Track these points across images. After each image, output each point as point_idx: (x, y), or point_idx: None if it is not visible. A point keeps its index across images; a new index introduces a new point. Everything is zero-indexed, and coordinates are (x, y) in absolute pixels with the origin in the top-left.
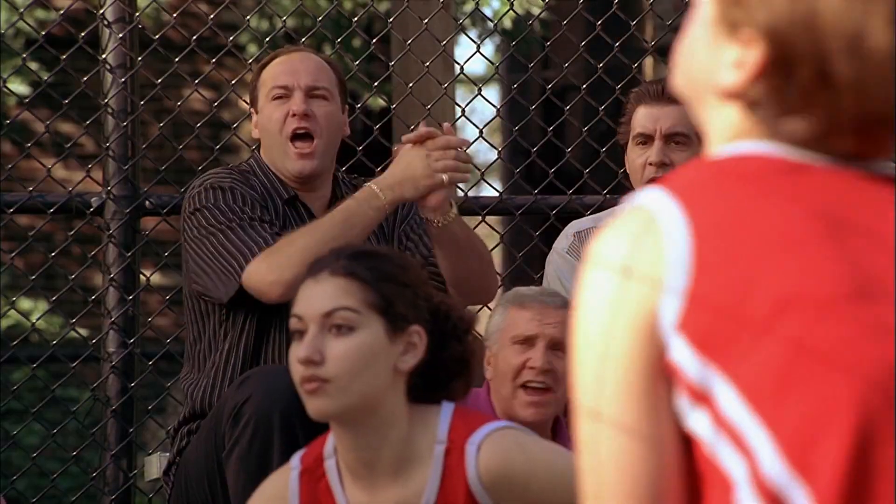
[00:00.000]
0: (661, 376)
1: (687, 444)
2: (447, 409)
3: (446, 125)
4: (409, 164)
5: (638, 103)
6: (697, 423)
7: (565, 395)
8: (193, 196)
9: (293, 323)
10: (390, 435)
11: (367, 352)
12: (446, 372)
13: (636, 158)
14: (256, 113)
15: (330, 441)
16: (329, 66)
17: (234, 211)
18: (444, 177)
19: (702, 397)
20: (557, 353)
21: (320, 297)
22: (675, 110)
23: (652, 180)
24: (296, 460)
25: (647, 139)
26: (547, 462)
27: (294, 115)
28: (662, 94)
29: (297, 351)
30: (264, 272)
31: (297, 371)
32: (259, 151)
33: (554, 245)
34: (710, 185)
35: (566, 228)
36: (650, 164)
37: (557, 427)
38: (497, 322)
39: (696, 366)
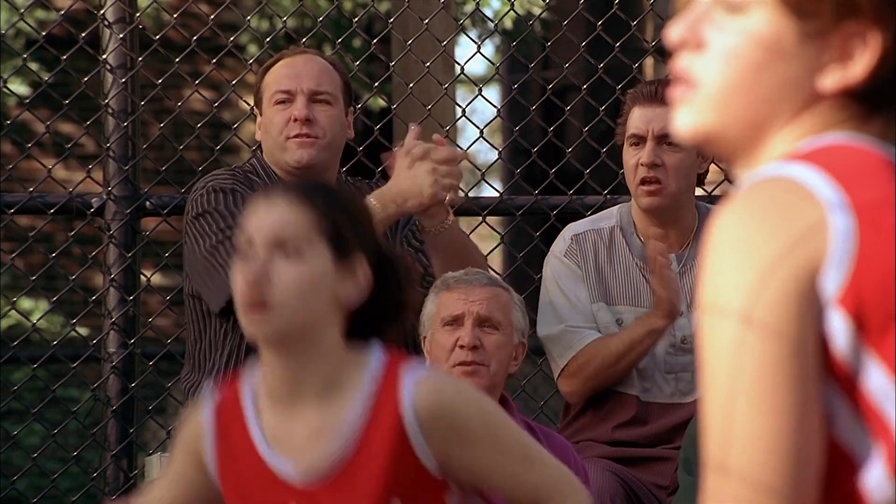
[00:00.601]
0: (812, 347)
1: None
2: (379, 346)
3: (437, 136)
4: (415, 180)
5: (633, 104)
6: (835, 400)
7: (497, 370)
8: (196, 199)
9: (241, 244)
10: (321, 360)
11: (314, 279)
12: (383, 313)
13: (630, 159)
14: (260, 115)
15: (251, 368)
16: (333, 68)
17: (234, 216)
18: (448, 195)
19: (845, 375)
20: (485, 330)
21: (272, 220)
22: (668, 111)
23: (643, 181)
24: (214, 391)
25: (639, 140)
26: (483, 411)
27: (296, 119)
28: (656, 95)
29: (244, 272)
30: None
31: (241, 292)
32: (261, 153)
33: (551, 248)
34: (847, 168)
35: (563, 231)
36: (641, 164)
37: (506, 405)
38: (429, 308)
39: (849, 342)
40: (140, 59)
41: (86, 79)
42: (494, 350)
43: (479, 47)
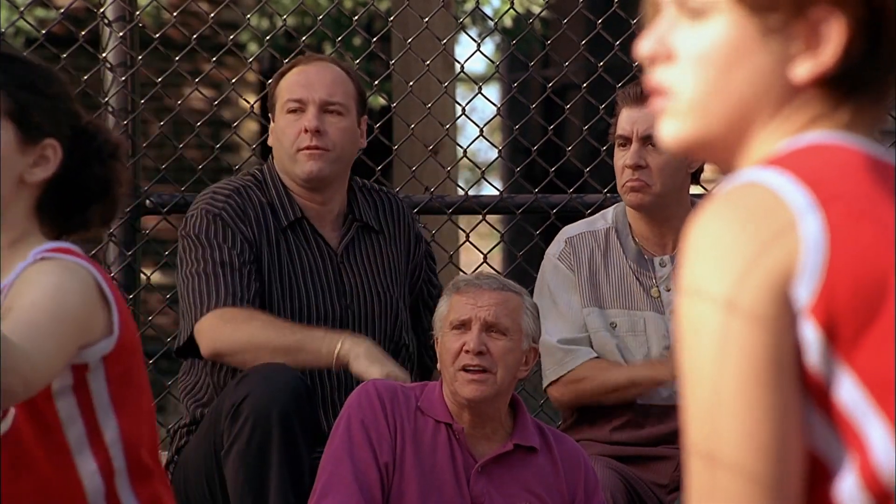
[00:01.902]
0: (788, 352)
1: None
2: (63, 243)
3: None
4: (382, 363)
5: (622, 105)
6: (808, 409)
7: (504, 376)
8: (190, 215)
9: None
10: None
11: None
12: (85, 193)
13: (617, 160)
14: (273, 122)
15: None
16: (347, 76)
17: (213, 248)
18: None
19: (817, 385)
20: (491, 335)
21: None
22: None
23: (628, 183)
24: None
25: (626, 141)
26: (42, 294)
27: (306, 131)
28: (641, 96)
29: None
30: (206, 330)
31: None
32: (272, 160)
33: (547, 251)
34: (824, 172)
35: (559, 234)
36: (626, 166)
37: (517, 407)
38: (441, 310)
39: (821, 353)
40: (140, 57)
41: (86, 77)
42: (501, 356)
43: (479, 46)
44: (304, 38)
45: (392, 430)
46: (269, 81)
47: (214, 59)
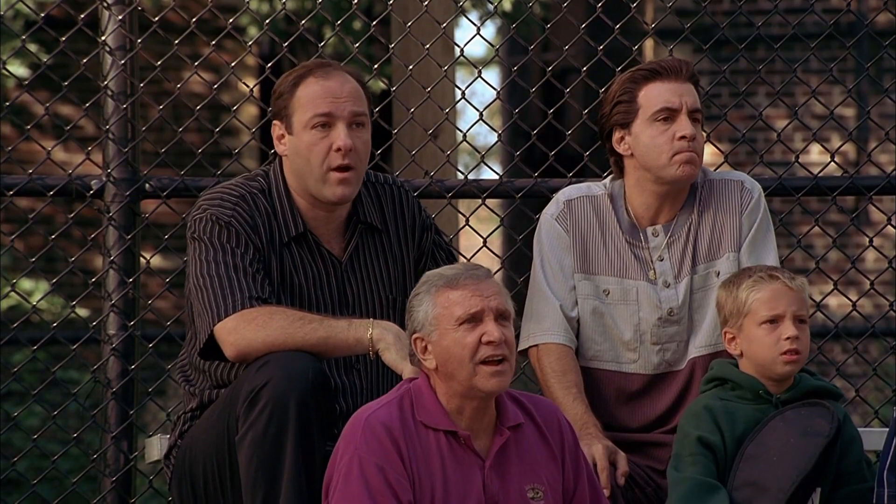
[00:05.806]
0: None
1: None
2: None
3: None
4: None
5: (648, 80)
6: None
7: (513, 361)
8: (196, 219)
9: None
10: None
11: None
12: None
13: (658, 135)
14: (287, 131)
15: None
16: (361, 85)
17: (226, 252)
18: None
19: None
20: (503, 323)
21: None
22: (692, 88)
23: (682, 154)
24: None
25: (671, 113)
26: None
27: (339, 149)
28: (682, 71)
29: None
30: (230, 332)
31: None
32: (281, 168)
33: (545, 210)
34: None
35: (557, 195)
36: (681, 137)
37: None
38: (427, 310)
39: None
40: (139, 40)
41: (85, 61)
42: (512, 341)
43: (478, 29)
44: (303, 21)
45: (408, 465)
46: (277, 86)
47: (214, 42)
